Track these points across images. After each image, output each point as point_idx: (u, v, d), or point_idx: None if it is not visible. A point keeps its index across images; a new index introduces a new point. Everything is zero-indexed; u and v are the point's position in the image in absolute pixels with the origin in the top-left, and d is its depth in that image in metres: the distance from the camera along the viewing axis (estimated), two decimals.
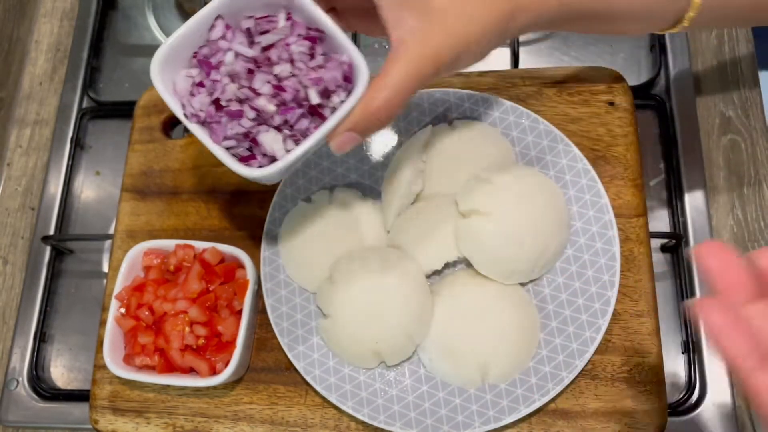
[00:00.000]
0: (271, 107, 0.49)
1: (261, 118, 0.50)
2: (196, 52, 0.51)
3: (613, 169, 0.66)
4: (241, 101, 0.49)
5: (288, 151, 0.50)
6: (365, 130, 0.51)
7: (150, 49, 0.92)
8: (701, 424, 0.69)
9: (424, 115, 0.69)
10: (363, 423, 0.62)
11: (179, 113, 0.51)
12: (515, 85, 0.70)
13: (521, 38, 0.85)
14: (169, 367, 0.62)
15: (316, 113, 0.50)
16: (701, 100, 0.82)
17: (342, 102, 0.50)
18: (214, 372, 0.61)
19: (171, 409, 0.65)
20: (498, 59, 0.87)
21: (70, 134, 0.88)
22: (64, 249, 0.83)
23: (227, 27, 0.50)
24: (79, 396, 0.77)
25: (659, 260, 0.75)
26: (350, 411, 0.61)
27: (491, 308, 0.62)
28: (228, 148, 0.51)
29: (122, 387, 0.66)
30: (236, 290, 0.63)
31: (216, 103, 0.50)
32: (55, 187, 0.86)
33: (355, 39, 0.79)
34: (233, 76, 0.50)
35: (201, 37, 0.51)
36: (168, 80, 0.51)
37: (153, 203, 0.72)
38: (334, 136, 0.51)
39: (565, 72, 0.70)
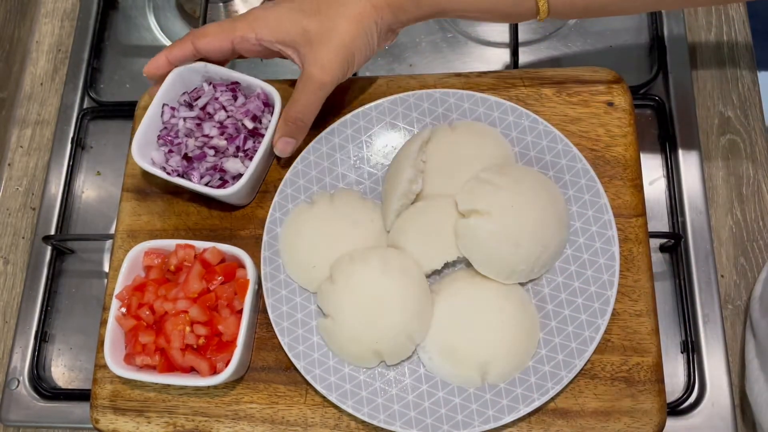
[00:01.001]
0: (222, 142, 0.67)
1: (219, 153, 0.67)
2: (159, 135, 0.69)
3: (612, 169, 0.66)
4: (200, 148, 0.67)
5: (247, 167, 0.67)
6: (292, 133, 0.67)
7: (151, 50, 0.93)
8: (700, 423, 0.69)
9: (424, 115, 0.69)
10: (363, 422, 0.62)
11: (163, 175, 0.67)
12: (515, 86, 0.70)
13: (521, 38, 0.86)
14: (170, 367, 0.62)
15: (255, 134, 0.68)
16: (700, 101, 0.82)
17: (270, 121, 0.68)
18: (214, 371, 0.62)
19: (171, 408, 0.65)
20: (498, 59, 0.88)
21: (71, 134, 0.88)
22: (64, 249, 0.83)
23: (172, 108, 0.69)
24: (80, 395, 0.77)
25: (658, 260, 0.75)
26: (350, 410, 0.61)
27: (491, 308, 0.62)
28: (206, 183, 0.67)
29: (123, 386, 0.66)
30: (237, 290, 0.63)
31: (185, 157, 0.67)
32: (56, 187, 0.86)
33: None
34: (189, 134, 0.68)
35: (158, 121, 0.69)
36: (147, 156, 0.68)
37: (154, 203, 0.72)
38: (275, 144, 0.67)
39: (564, 72, 0.70)
